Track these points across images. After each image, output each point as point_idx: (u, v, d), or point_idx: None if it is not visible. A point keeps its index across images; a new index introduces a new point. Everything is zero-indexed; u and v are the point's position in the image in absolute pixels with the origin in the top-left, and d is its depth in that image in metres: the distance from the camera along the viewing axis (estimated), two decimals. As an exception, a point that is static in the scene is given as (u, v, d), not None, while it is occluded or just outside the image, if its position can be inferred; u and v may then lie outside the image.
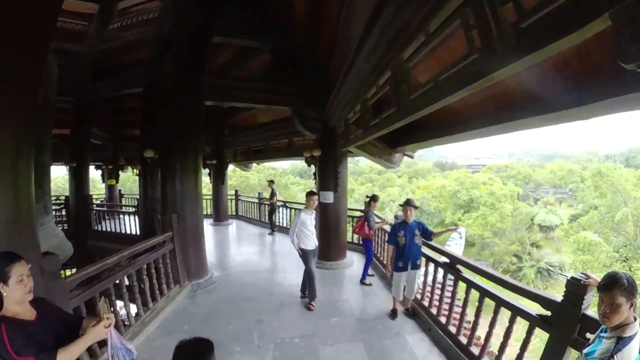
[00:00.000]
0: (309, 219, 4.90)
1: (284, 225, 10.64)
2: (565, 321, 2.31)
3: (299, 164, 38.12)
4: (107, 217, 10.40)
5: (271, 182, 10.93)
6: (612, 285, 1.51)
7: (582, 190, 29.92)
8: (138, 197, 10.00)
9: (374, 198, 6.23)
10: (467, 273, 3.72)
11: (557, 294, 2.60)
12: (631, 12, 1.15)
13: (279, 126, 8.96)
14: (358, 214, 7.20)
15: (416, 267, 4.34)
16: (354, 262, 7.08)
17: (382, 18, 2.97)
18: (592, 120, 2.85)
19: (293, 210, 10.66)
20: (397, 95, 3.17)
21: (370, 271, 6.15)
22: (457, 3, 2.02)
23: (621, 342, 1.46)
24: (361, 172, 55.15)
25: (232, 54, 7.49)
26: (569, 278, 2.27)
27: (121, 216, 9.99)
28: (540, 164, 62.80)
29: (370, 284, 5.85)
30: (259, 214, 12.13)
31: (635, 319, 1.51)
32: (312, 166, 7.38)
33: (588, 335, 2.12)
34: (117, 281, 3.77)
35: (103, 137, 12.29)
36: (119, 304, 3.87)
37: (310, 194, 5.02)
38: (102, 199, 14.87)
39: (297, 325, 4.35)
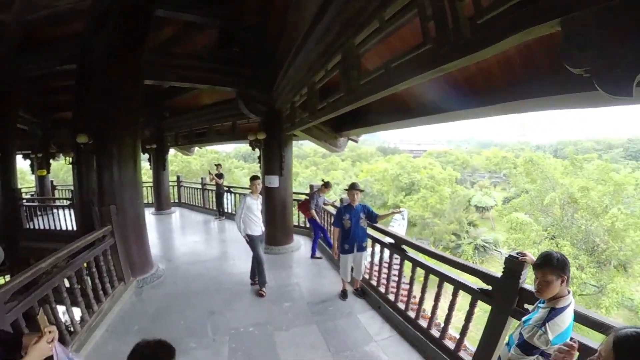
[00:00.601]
0: (255, 204, 4.81)
1: (229, 210, 10.40)
2: (505, 294, 2.52)
3: (243, 147, 37.27)
4: (39, 213, 9.24)
5: (218, 165, 10.60)
6: (544, 264, 1.69)
7: (515, 176, 32.38)
8: (72, 188, 9.08)
9: (326, 185, 6.43)
10: (411, 252, 3.91)
11: (492, 267, 2.83)
12: (585, 23, 1.22)
13: (223, 108, 8.63)
14: (304, 197, 7.28)
15: (362, 249, 4.47)
16: (302, 245, 7.15)
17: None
18: (525, 114, 3.10)
19: (238, 195, 10.39)
20: (346, 80, 3.16)
21: (318, 253, 6.37)
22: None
23: (553, 312, 1.64)
24: (305, 155, 55.46)
25: (176, 30, 6.90)
26: (507, 256, 2.47)
27: (55, 211, 8.97)
28: (477, 150, 68.14)
29: (320, 257, 6.24)
30: (203, 200, 11.70)
31: (568, 292, 1.70)
32: (257, 150, 7.21)
33: (526, 306, 2.35)
34: (57, 285, 3.33)
35: (31, 121, 10.81)
36: (61, 309, 3.44)
37: (253, 178, 4.88)
38: (33, 193, 13.13)
39: (250, 313, 4.30)
